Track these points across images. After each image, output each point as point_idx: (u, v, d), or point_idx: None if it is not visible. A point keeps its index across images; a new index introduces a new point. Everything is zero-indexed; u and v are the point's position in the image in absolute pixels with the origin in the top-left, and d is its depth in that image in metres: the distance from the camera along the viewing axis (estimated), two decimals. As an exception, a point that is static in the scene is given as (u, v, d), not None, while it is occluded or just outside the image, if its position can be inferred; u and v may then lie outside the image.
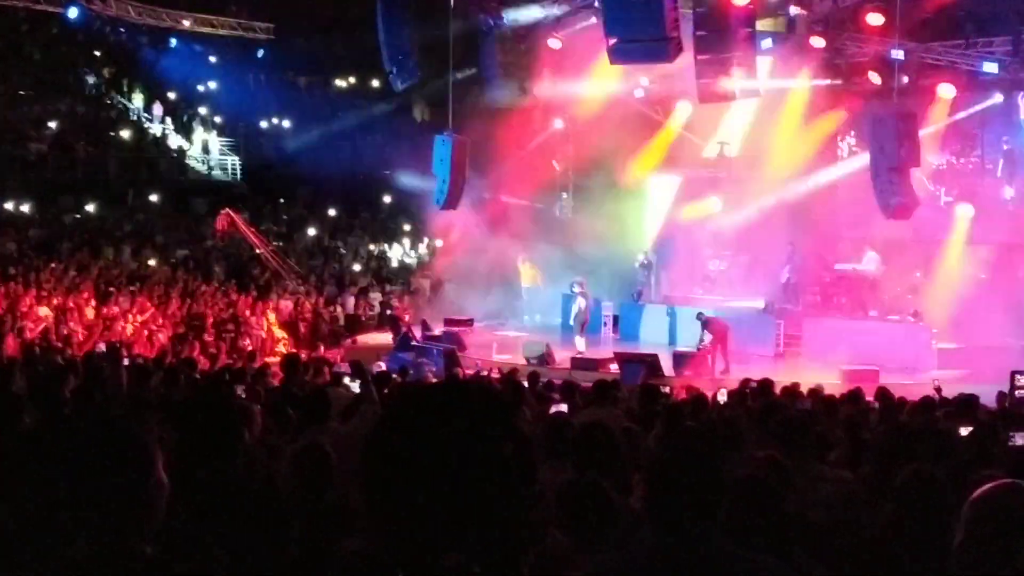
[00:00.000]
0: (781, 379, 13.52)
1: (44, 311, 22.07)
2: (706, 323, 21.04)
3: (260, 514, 3.94)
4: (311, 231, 35.42)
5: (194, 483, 2.75)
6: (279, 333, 25.85)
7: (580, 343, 23.00)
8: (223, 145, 36.04)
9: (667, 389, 13.02)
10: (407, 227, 34.78)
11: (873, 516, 5.09)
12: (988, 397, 13.31)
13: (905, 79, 21.39)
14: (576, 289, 23.94)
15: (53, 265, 26.30)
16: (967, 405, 10.60)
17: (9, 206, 31.04)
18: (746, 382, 12.64)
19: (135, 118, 35.97)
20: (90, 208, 32.49)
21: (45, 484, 2.86)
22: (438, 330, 24.56)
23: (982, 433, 8.78)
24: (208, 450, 3.89)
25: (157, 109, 36.01)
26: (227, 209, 30.45)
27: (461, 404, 1.48)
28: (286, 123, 36.64)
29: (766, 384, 11.47)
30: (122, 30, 33.58)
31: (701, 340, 21.08)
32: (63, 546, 2.62)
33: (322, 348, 24.24)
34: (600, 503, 4.15)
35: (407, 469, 1.45)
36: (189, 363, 12.87)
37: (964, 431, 9.33)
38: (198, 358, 17.56)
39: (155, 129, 36.00)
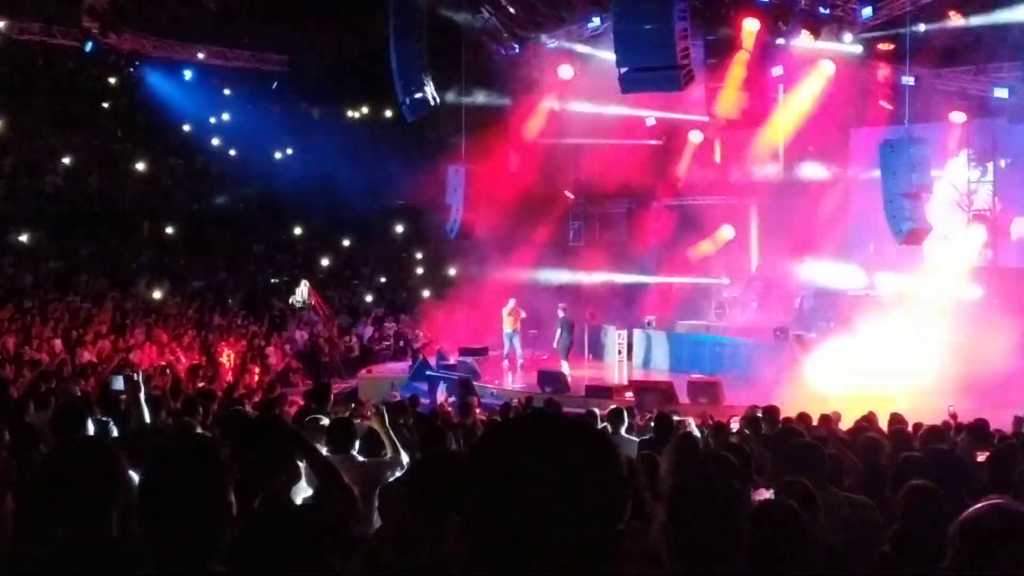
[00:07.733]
0: (796, 406, 13.49)
1: (59, 344, 22.16)
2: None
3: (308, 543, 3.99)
4: (324, 261, 35.50)
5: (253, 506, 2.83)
6: None
7: (564, 367, 22.97)
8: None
9: (679, 417, 13.01)
10: (419, 256, 34.88)
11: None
12: (1004, 422, 13.29)
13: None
14: (560, 313, 24.04)
15: (69, 298, 26.40)
16: (982, 430, 10.57)
17: (25, 239, 31.22)
18: (753, 408, 12.61)
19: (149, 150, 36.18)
20: (105, 240, 32.64)
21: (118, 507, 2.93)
22: (453, 359, 24.62)
23: (999, 458, 8.77)
24: (266, 473, 3.96)
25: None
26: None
27: (565, 436, 1.46)
28: (300, 154, 36.80)
29: (772, 411, 11.43)
30: (136, 63, 33.81)
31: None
32: (137, 567, 2.69)
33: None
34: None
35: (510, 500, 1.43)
36: (207, 394, 12.90)
37: (981, 457, 9.32)
38: (215, 389, 17.57)
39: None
